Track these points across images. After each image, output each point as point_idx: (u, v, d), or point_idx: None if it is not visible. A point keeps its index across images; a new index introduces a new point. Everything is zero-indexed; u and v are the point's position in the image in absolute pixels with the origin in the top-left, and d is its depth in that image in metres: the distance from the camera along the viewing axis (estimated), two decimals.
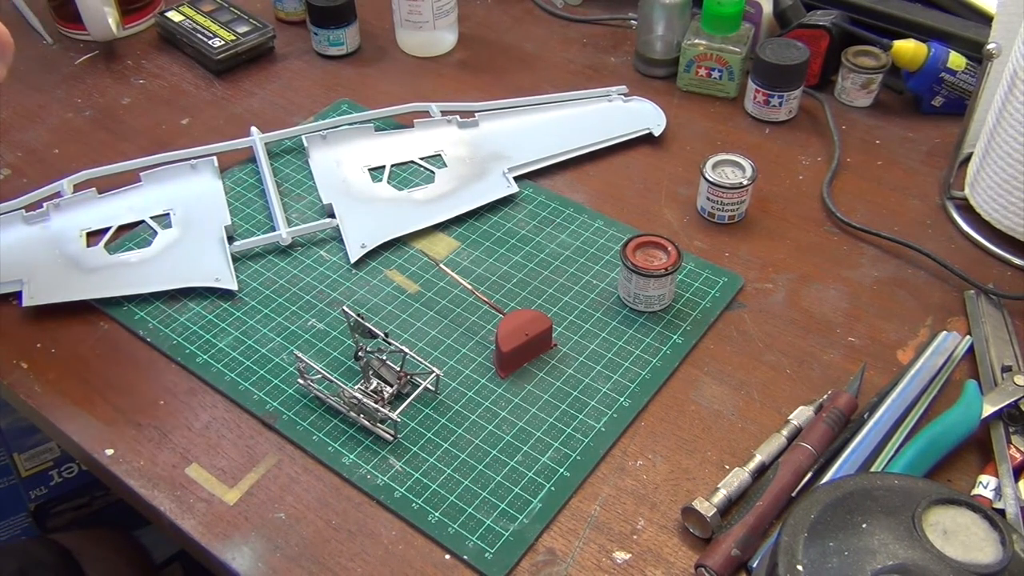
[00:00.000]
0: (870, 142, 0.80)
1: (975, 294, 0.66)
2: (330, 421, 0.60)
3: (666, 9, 0.84)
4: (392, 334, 0.64)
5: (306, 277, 0.69)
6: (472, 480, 0.56)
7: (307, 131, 0.80)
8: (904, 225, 0.72)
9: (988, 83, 0.68)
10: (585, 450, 0.58)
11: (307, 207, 0.75)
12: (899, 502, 0.43)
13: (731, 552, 0.51)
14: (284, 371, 0.63)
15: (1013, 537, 0.41)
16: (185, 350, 0.64)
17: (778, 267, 0.69)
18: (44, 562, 0.76)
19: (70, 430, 0.60)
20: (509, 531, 0.54)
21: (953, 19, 0.83)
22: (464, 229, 0.73)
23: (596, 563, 0.53)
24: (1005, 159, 0.67)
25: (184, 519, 0.55)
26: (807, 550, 0.42)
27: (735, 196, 0.71)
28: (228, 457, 0.58)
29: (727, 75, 0.83)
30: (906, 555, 0.41)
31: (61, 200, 0.74)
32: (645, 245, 0.65)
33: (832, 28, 0.82)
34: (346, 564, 0.53)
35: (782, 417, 0.59)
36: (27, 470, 1.00)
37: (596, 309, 0.66)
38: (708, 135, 0.82)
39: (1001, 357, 0.61)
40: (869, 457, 0.56)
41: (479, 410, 0.60)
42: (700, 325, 0.65)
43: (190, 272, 0.69)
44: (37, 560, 0.76)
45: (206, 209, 0.74)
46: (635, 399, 0.60)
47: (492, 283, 0.68)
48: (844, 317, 0.66)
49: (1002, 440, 0.56)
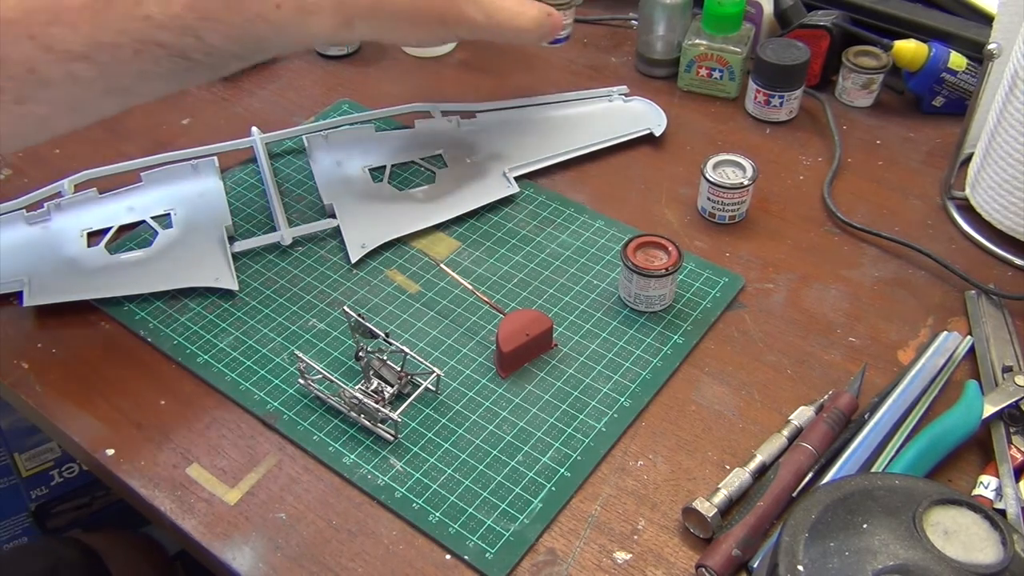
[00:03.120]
0: (871, 142, 0.80)
1: (976, 294, 0.66)
2: (331, 421, 0.60)
3: (667, 9, 0.84)
4: (393, 334, 0.64)
5: (307, 277, 0.69)
6: (473, 480, 0.56)
7: (308, 131, 0.80)
8: (905, 225, 0.72)
9: (989, 83, 0.68)
10: (586, 450, 0.58)
11: (308, 207, 0.75)
12: (900, 502, 0.43)
13: (732, 552, 0.51)
14: (285, 371, 0.63)
15: (1014, 537, 0.41)
16: (186, 350, 0.64)
17: (779, 267, 0.69)
18: (73, 561, 0.76)
19: (71, 430, 0.60)
20: (510, 531, 0.54)
21: (954, 19, 0.83)
22: (465, 229, 0.73)
23: (597, 563, 0.53)
24: (1006, 159, 0.67)
25: (185, 519, 0.55)
26: (808, 550, 0.42)
27: (736, 196, 0.71)
28: (229, 457, 0.58)
29: (728, 75, 0.83)
30: (907, 555, 0.41)
31: (62, 200, 0.74)
32: (646, 245, 0.65)
33: (833, 28, 0.82)
34: (347, 564, 0.53)
35: (783, 417, 0.59)
36: (28, 470, 1.00)
37: (597, 309, 0.66)
38: (709, 135, 0.82)
39: (1002, 357, 0.61)
40: (870, 457, 0.56)
41: (480, 410, 0.60)
42: (701, 325, 0.65)
43: (191, 272, 0.69)
44: (67, 559, 0.76)
45: (207, 209, 0.74)
46: (636, 399, 0.61)
47: (493, 283, 0.68)
48: (845, 317, 0.66)
49: (1003, 440, 0.56)
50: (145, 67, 0.57)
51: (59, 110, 0.57)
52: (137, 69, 0.57)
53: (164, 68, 0.58)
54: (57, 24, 0.53)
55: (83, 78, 0.55)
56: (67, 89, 0.56)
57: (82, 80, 0.56)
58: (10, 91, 0.54)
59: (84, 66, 0.55)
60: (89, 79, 0.56)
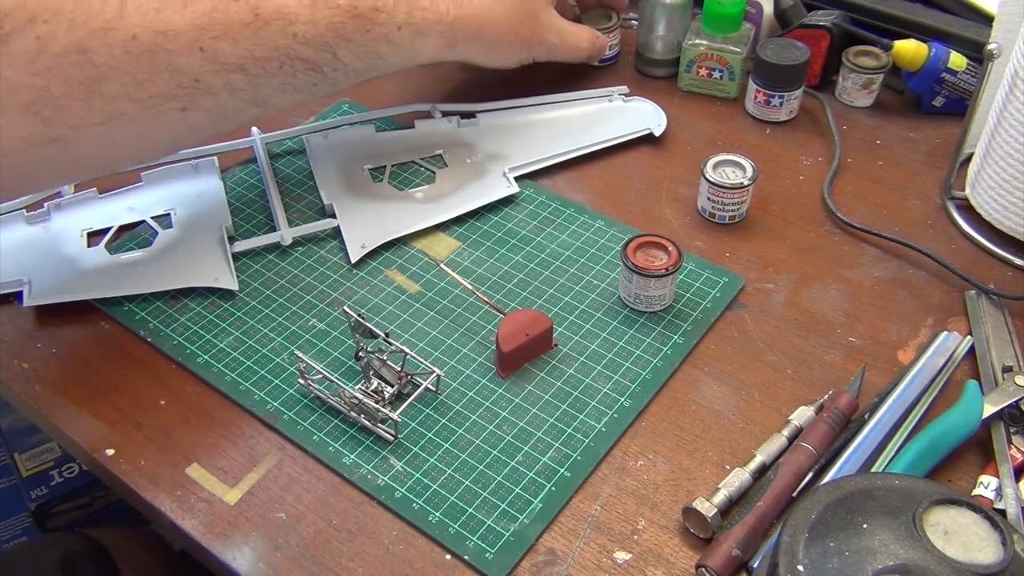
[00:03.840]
0: (871, 142, 0.80)
1: (976, 294, 0.66)
2: (331, 421, 0.60)
3: (667, 9, 0.84)
4: (393, 334, 0.64)
5: (307, 277, 0.69)
6: (473, 480, 0.56)
7: (308, 131, 0.80)
8: (905, 225, 0.72)
9: (989, 83, 0.68)
10: (586, 450, 0.58)
11: (307, 207, 0.75)
12: (900, 502, 0.43)
13: (732, 552, 0.51)
14: (285, 371, 0.63)
15: (1014, 537, 0.41)
16: (186, 350, 0.64)
17: (779, 267, 0.69)
18: (83, 553, 0.77)
19: (71, 430, 0.60)
20: (510, 531, 0.54)
21: (954, 19, 0.83)
22: (465, 229, 0.73)
23: (597, 563, 0.53)
24: (1006, 159, 0.67)
25: (185, 519, 0.55)
26: (808, 550, 0.42)
27: (736, 196, 0.71)
28: (229, 457, 0.58)
29: (728, 75, 0.83)
30: (907, 555, 0.41)
31: (62, 200, 0.74)
32: (646, 245, 0.65)
33: (833, 28, 0.82)
34: (347, 564, 0.53)
35: (783, 417, 0.59)
36: (28, 470, 1.00)
37: (597, 309, 0.66)
38: (709, 135, 0.82)
39: (1002, 357, 0.61)
40: (870, 457, 0.56)
41: (480, 410, 0.60)
42: (701, 325, 0.65)
43: (190, 272, 0.69)
44: (77, 550, 0.77)
45: (207, 209, 0.74)
46: (636, 399, 0.61)
47: (493, 283, 0.68)
48: (845, 317, 0.66)
49: (1003, 440, 0.56)
50: (286, 80, 0.63)
51: (213, 118, 0.63)
52: (280, 81, 0.63)
53: (300, 81, 0.64)
54: (224, 39, 0.59)
55: (238, 88, 0.61)
56: (224, 98, 0.61)
57: (237, 90, 0.62)
58: (179, 98, 0.59)
59: (240, 77, 0.61)
60: (242, 89, 0.62)
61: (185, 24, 0.58)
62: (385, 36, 0.66)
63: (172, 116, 0.60)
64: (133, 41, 0.56)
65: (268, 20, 0.61)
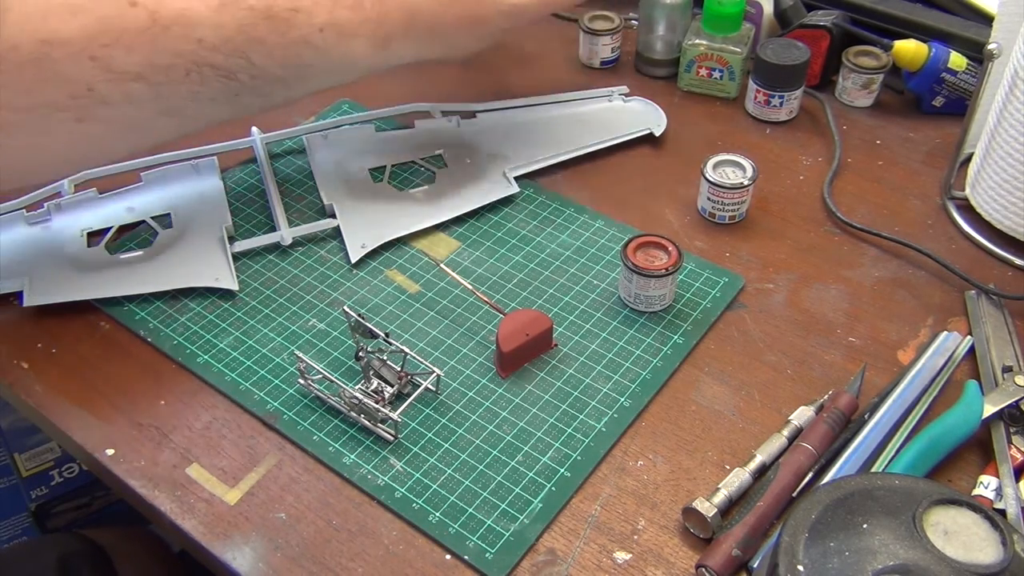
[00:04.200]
0: (871, 142, 0.80)
1: (976, 294, 0.66)
2: (331, 421, 0.60)
3: (667, 9, 0.84)
4: (393, 334, 0.64)
5: (307, 277, 0.69)
6: (473, 480, 0.56)
7: (308, 131, 0.80)
8: (905, 225, 0.72)
9: (989, 83, 0.68)
10: (586, 450, 0.58)
11: (307, 207, 0.75)
12: (900, 502, 0.43)
13: (732, 552, 0.51)
14: (285, 371, 0.63)
15: (1014, 537, 0.41)
16: (186, 350, 0.64)
17: (779, 267, 0.69)
18: (81, 554, 0.77)
19: (71, 430, 0.60)
20: (510, 531, 0.54)
21: (954, 19, 0.83)
22: (465, 229, 0.73)
23: (597, 563, 0.53)
24: (1006, 159, 0.67)
25: (185, 519, 0.55)
26: (808, 550, 0.42)
27: (736, 196, 0.71)
28: (229, 457, 0.58)
29: (728, 75, 0.83)
30: (907, 555, 0.41)
31: (62, 200, 0.74)
32: (646, 245, 0.65)
33: (833, 28, 0.82)
34: (347, 564, 0.53)
35: (783, 417, 0.59)
36: (28, 470, 1.00)
37: (597, 309, 0.66)
38: (708, 135, 0.82)
39: (1002, 357, 0.61)
40: (870, 457, 0.56)
41: (480, 410, 0.60)
42: (701, 325, 0.65)
43: (190, 272, 0.69)
44: (75, 551, 0.77)
45: (207, 209, 0.74)
46: (636, 399, 0.61)
47: (493, 283, 0.68)
48: (845, 317, 0.66)
49: (1003, 440, 0.56)
50: (195, 88, 0.59)
51: (116, 129, 0.60)
52: (188, 90, 0.59)
53: (214, 89, 0.60)
54: (117, 46, 0.56)
55: (139, 98, 0.58)
56: (124, 108, 0.58)
57: (138, 99, 0.58)
58: (72, 109, 0.57)
59: (140, 86, 0.57)
60: (144, 99, 0.58)
61: (73, 32, 0.55)
62: (305, 39, 0.61)
63: (66, 127, 0.57)
64: (14, 51, 0.53)
65: (168, 25, 0.57)
